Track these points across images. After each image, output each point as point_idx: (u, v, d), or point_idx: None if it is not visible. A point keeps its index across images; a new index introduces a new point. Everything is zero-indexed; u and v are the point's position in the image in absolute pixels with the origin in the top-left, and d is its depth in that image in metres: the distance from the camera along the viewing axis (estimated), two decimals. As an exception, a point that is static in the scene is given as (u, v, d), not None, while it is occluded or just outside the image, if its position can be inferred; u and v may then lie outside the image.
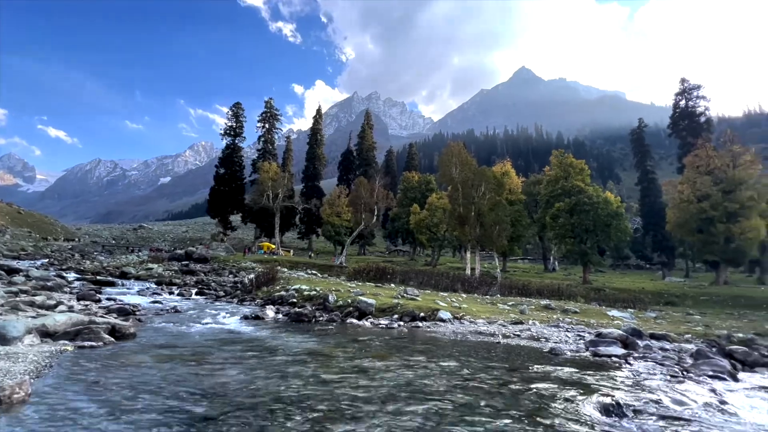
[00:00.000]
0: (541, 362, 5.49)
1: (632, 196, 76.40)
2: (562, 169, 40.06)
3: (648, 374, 4.95)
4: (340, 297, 13.31)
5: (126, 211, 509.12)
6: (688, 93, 47.14)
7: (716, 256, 33.77)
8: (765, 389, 4.69)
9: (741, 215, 31.29)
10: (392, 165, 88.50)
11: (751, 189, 31.57)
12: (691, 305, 26.36)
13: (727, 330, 12.67)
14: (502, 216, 34.65)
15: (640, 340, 8.37)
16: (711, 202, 32.23)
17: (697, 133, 42.84)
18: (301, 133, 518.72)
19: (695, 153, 35.54)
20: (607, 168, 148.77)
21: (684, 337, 10.11)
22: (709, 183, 32.89)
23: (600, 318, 14.49)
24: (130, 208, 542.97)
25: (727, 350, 7.26)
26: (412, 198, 54.36)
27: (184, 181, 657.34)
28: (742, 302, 26.72)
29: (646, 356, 6.54)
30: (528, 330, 9.43)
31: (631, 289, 30.31)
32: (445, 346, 6.98)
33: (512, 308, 15.21)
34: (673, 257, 54.70)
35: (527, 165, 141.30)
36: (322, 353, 5.84)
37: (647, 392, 3.99)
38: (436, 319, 10.88)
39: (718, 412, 3.55)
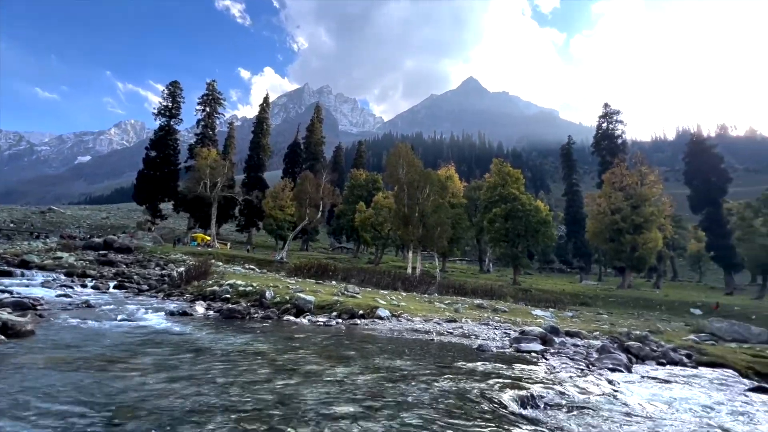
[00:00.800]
0: (469, 358, 5.80)
1: (559, 206, 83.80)
2: (500, 176, 42.68)
3: (560, 368, 5.46)
4: (279, 293, 12.92)
5: (32, 191, 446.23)
6: (609, 117, 52.77)
7: (623, 262, 38.26)
8: (650, 378, 5.43)
9: (644, 228, 35.81)
10: (340, 161, 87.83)
11: (653, 205, 36.25)
12: (602, 306, 29.61)
13: (627, 328, 14.42)
14: (444, 218, 36.04)
15: (557, 337, 9.21)
16: (622, 215, 36.44)
17: (614, 153, 48.15)
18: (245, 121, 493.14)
19: (612, 171, 39.92)
20: (540, 179, 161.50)
21: (593, 334, 11.31)
22: (621, 198, 37.15)
23: (525, 317, 15.69)
24: (38, 188, 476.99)
25: (625, 346, 8.26)
26: (359, 196, 54.42)
27: (107, 162, 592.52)
28: (641, 303, 30.58)
29: (561, 352, 7.21)
30: (461, 328, 9.91)
31: (553, 291, 33.24)
32: (381, 344, 7.09)
33: (448, 307, 15.88)
34: (589, 262, 60.96)
35: (470, 171, 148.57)
36: (253, 352, 5.62)
37: (558, 384, 4.40)
38: (375, 316, 11.01)
39: (613, 400, 4.02)
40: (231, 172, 54.62)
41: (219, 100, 61.83)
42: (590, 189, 59.54)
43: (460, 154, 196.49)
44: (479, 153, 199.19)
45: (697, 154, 50.02)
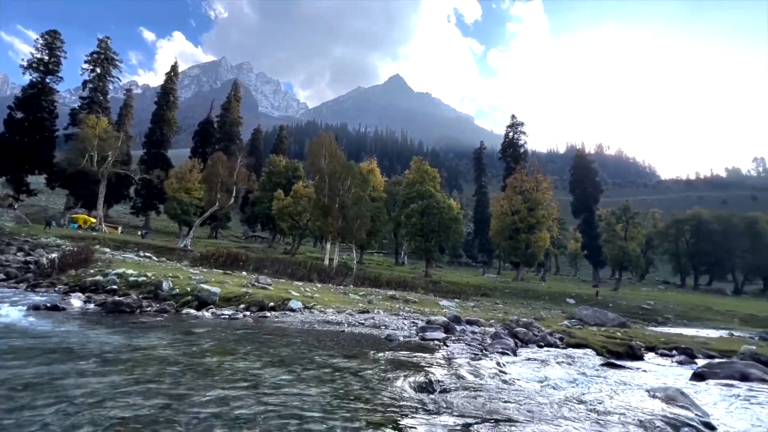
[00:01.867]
0: (376, 348, 5.97)
1: (469, 205, 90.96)
2: (419, 174, 44.64)
3: (458, 354, 5.94)
4: (178, 284, 11.74)
5: None
6: (515, 127, 58.69)
7: (518, 258, 43.16)
8: (530, 360, 6.23)
9: (537, 228, 40.82)
10: (259, 145, 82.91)
11: (544, 209, 41.47)
12: (499, 296, 33.03)
13: (517, 316, 16.33)
14: (364, 211, 36.48)
15: (458, 326, 10.00)
16: (520, 216, 40.98)
17: (517, 160, 53.78)
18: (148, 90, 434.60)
19: (514, 176, 44.56)
20: (454, 178, 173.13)
21: (489, 322, 12.55)
22: (520, 201, 41.72)
23: (433, 307, 16.75)
24: None
25: (514, 332, 9.34)
26: (277, 183, 52.11)
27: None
28: (530, 294, 34.86)
29: (461, 339, 7.85)
30: (372, 319, 10.16)
31: (459, 283, 36.06)
32: (291, 336, 6.90)
33: (362, 298, 16.17)
34: (491, 258, 67.51)
35: (391, 166, 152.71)
36: (139, 349, 5.01)
37: (454, 369, 4.78)
38: (287, 308, 10.69)
39: (499, 380, 4.50)
40: (126, 146, 47.77)
41: (113, 61, 53.40)
42: (496, 191, 65.71)
43: (383, 149, 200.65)
44: (401, 150, 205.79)
45: (579, 167, 58.57)
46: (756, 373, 5.77)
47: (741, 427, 3.37)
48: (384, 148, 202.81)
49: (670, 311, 29.03)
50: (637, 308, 29.24)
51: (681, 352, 9.69)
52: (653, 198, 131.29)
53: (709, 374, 6.07)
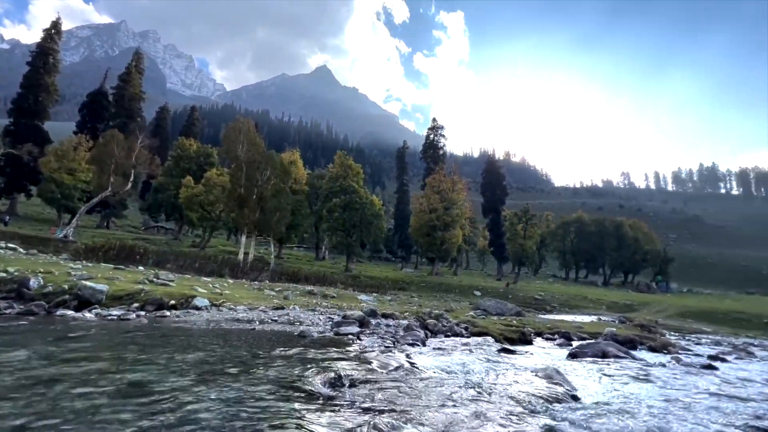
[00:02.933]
0: (287, 345, 5.79)
1: (391, 202, 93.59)
2: (343, 169, 44.43)
3: (371, 347, 6.07)
4: (52, 281, 9.97)
5: None
6: (436, 130, 61.82)
7: (434, 253, 45.72)
8: (438, 349, 6.65)
9: (451, 226, 43.64)
10: (165, 125, 74.31)
11: (459, 208, 44.53)
12: (415, 290, 34.64)
13: (430, 308, 17.30)
14: (285, 203, 35.13)
15: (374, 319, 10.23)
16: (437, 215, 43.39)
17: (437, 161, 56.78)
18: (18, 47, 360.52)
19: (433, 176, 46.96)
20: (378, 175, 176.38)
21: (404, 315, 13.08)
22: (437, 200, 44.15)
23: (351, 302, 16.88)
24: None
25: (425, 323, 9.88)
26: (186, 168, 47.35)
27: None
28: (443, 287, 37.20)
29: (375, 332, 8.04)
30: (287, 315, 9.85)
31: (379, 277, 36.93)
32: (193, 337, 6.34)
33: (278, 294, 15.59)
34: (410, 253, 70.42)
35: (315, 158, 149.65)
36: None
37: (365, 362, 4.87)
38: (191, 306, 9.81)
39: (406, 370, 4.71)
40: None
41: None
42: (417, 190, 68.58)
43: (307, 140, 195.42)
44: (326, 142, 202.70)
45: (490, 172, 64.14)
46: (612, 350, 6.97)
47: (597, 396, 4.03)
48: (308, 140, 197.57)
49: (556, 301, 33.51)
50: (531, 299, 33.12)
51: (561, 336, 11.26)
52: (548, 202, 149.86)
53: (579, 353, 7.16)
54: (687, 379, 5.43)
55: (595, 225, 66.22)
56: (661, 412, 3.53)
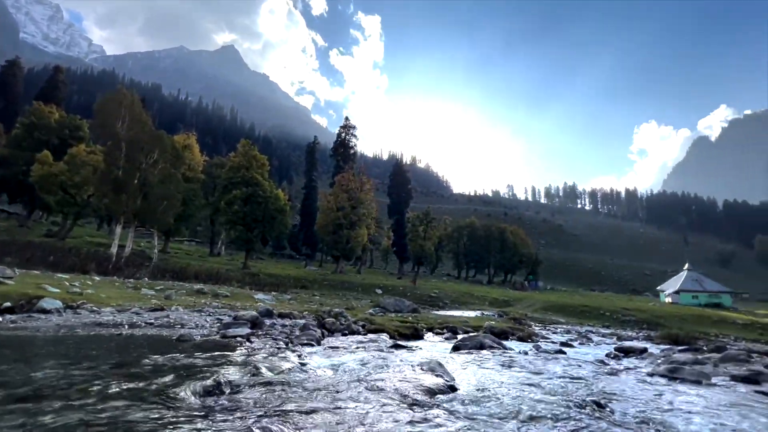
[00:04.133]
0: (161, 351, 5.13)
1: (298, 198, 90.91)
2: (246, 159, 41.51)
3: (261, 349, 5.74)
4: None
5: None
6: (347, 129, 62.03)
7: (339, 252, 45.80)
8: (332, 348, 6.63)
9: (357, 225, 44.26)
10: (14, 84, 59.91)
11: (366, 208, 45.43)
12: (318, 288, 34.18)
13: (331, 307, 17.24)
14: (174, 191, 31.32)
15: (269, 319, 9.74)
16: (344, 213, 43.55)
17: (347, 160, 57.00)
18: None
19: (342, 174, 47.04)
20: (285, 169, 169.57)
21: (303, 314, 12.76)
22: (345, 199, 44.34)
23: (246, 301, 15.83)
24: None
25: (323, 322, 9.77)
26: (43, 141, 38.90)
27: None
28: (346, 286, 37.47)
29: (268, 333, 7.65)
30: (166, 317, 8.75)
31: (280, 275, 35.46)
32: (35, 346, 5.17)
33: (158, 293, 13.80)
34: (315, 251, 69.31)
35: (215, 145, 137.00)
36: None
37: (251, 366, 4.57)
38: (35, 309, 8.03)
39: (296, 372, 4.56)
40: None
41: None
42: (325, 187, 67.89)
43: (207, 124, 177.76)
44: (229, 129, 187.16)
45: (397, 175, 66.96)
46: (488, 342, 7.84)
47: (471, 384, 4.47)
48: (208, 124, 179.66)
49: (448, 298, 36.53)
50: (427, 296, 35.49)
51: (449, 330, 12.27)
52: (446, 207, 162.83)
53: (462, 346, 7.88)
54: (542, 364, 6.39)
55: (484, 230, 74.15)
56: (518, 393, 4.07)
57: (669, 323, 28.59)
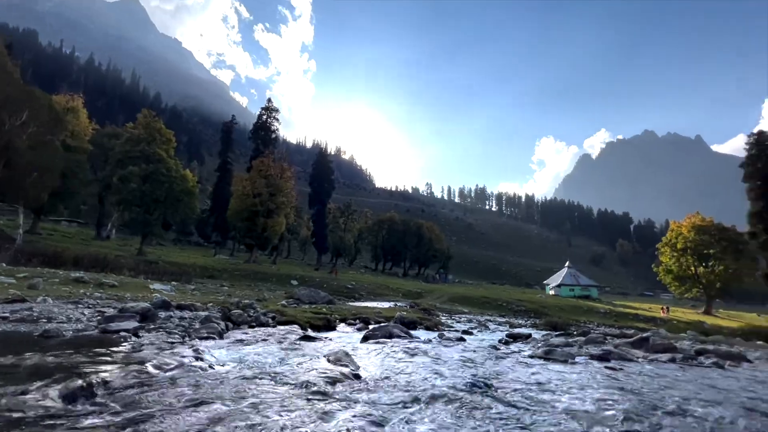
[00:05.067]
0: (16, 350, 4.28)
1: (210, 180, 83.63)
2: (148, 131, 36.77)
3: (150, 344, 5.15)
4: None
5: None
6: (270, 111, 58.70)
7: (253, 240, 43.44)
8: (236, 341, 6.25)
9: (275, 213, 42.42)
10: None
11: (285, 196, 43.74)
12: (228, 278, 31.99)
13: (240, 298, 16.29)
14: (50, 161, 26.39)
15: (165, 312, 8.81)
16: (261, 200, 41.34)
17: (267, 144, 54.03)
18: None
19: (261, 159, 44.54)
20: (196, 147, 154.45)
21: (207, 306, 11.80)
22: (263, 185, 42.11)
23: (139, 291, 14.11)
24: None
25: (228, 314, 9.16)
26: None
27: None
28: (260, 276, 35.74)
29: (162, 327, 6.90)
30: (28, 310, 7.35)
31: (184, 263, 32.33)
32: None
33: (20, 282, 11.54)
34: (227, 238, 64.69)
35: (109, 112, 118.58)
36: None
37: (137, 363, 4.07)
38: None
39: (191, 367, 4.19)
40: None
41: None
42: (242, 170, 63.61)
43: (99, 86, 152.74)
44: (127, 95, 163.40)
45: (320, 164, 65.66)
46: (397, 331, 8.17)
47: (376, 372, 4.60)
48: (100, 86, 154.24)
49: (365, 289, 37.21)
50: (343, 287, 35.65)
51: (362, 321, 12.48)
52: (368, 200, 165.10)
53: (372, 336, 8.08)
54: (443, 351, 6.88)
55: (403, 225, 76.99)
56: (418, 378, 4.32)
57: (551, 312, 33.10)
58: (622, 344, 8.95)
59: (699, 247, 46.89)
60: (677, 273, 49.40)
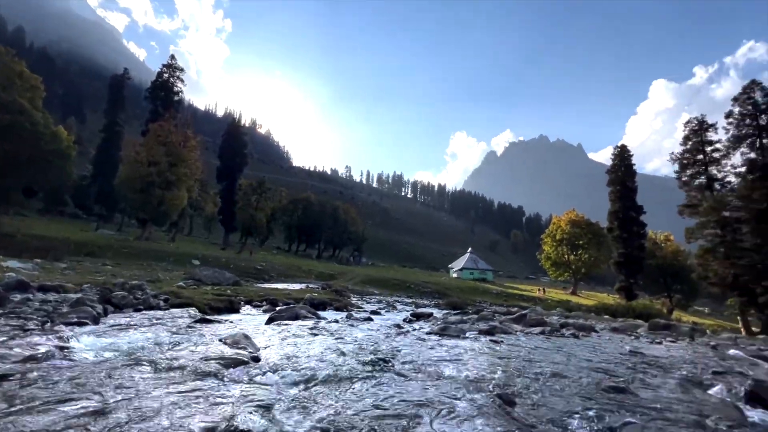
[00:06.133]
0: None
1: (92, 142, 71.23)
2: (4, 73, 29.63)
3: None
4: None
5: None
6: (173, 69, 51.79)
7: (148, 214, 38.58)
8: (114, 327, 5.51)
9: (175, 185, 38.11)
10: None
11: (188, 167, 39.51)
12: (112, 256, 27.96)
13: (127, 279, 14.41)
14: None
15: (21, 294, 7.36)
16: (158, 169, 36.68)
17: (168, 106, 47.80)
18: None
19: (161, 123, 39.32)
20: (76, 101, 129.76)
21: (82, 287, 10.18)
22: (162, 153, 37.35)
23: (-15, 270, 11.52)
24: None
25: (109, 296, 8.04)
26: None
27: None
28: (153, 255, 32.00)
29: (15, 311, 5.75)
30: None
31: (53, 237, 27.33)
32: None
33: None
34: (114, 211, 56.27)
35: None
36: None
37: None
38: None
39: (53, 356, 3.58)
40: None
41: None
42: (135, 134, 55.42)
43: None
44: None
45: (232, 135, 60.51)
46: (304, 313, 8.09)
47: (278, 354, 4.50)
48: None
49: (275, 271, 35.94)
50: (252, 269, 33.92)
51: (269, 303, 12.07)
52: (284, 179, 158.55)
53: (278, 317, 7.86)
54: (349, 330, 7.03)
55: (319, 205, 75.83)
56: (320, 358, 4.34)
57: (453, 293, 36.15)
58: (506, 320, 10.21)
59: (572, 238, 55.51)
60: (555, 260, 57.91)
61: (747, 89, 31.77)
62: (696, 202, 33.11)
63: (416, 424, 2.69)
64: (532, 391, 3.69)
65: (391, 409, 2.94)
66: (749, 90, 31.53)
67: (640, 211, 46.05)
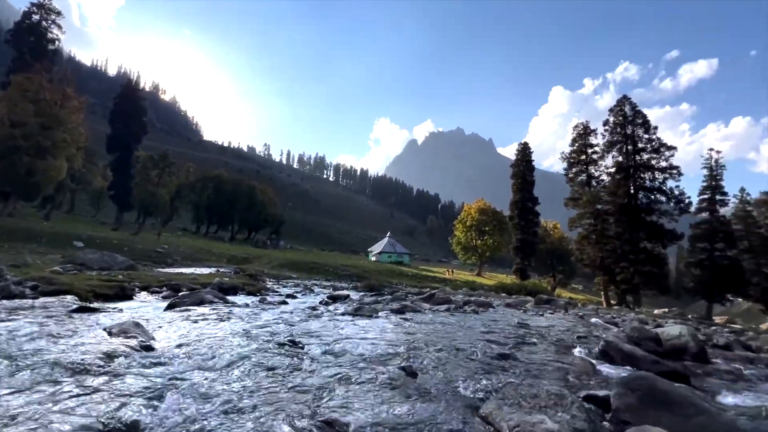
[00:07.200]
0: None
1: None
2: None
3: None
4: None
5: None
6: (47, 11, 42.76)
7: (14, 187, 31.96)
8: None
9: (51, 153, 32.06)
10: None
11: (69, 132, 33.47)
12: (-43, 236, 22.65)
13: (-22, 262, 11.86)
14: None
15: None
16: (25, 132, 30.39)
17: (39, 57, 39.51)
18: None
19: (29, 76, 32.42)
20: None
21: None
22: (31, 112, 30.96)
23: None
24: None
25: (-50, 284, 6.52)
26: None
27: None
28: (20, 235, 26.77)
29: None
30: None
31: None
32: None
33: None
34: (-41, 180, 45.23)
35: None
36: None
37: None
38: None
39: None
40: None
41: None
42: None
43: None
44: None
45: (127, 99, 52.54)
46: (210, 297, 7.57)
47: (172, 341, 4.14)
48: None
49: (180, 254, 32.77)
50: (152, 251, 30.43)
51: (170, 289, 11.01)
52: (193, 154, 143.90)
53: (180, 303, 7.22)
54: (260, 314, 6.78)
55: (233, 184, 70.78)
56: (223, 343, 4.13)
57: (371, 276, 37.09)
58: (417, 299, 10.87)
59: (480, 224, 60.88)
60: (464, 244, 63.03)
61: (620, 102, 37.87)
62: (578, 196, 38.81)
63: (321, 400, 2.73)
64: (432, 363, 4.01)
65: (298, 388, 2.94)
66: (621, 104, 37.62)
67: (536, 202, 52.40)
